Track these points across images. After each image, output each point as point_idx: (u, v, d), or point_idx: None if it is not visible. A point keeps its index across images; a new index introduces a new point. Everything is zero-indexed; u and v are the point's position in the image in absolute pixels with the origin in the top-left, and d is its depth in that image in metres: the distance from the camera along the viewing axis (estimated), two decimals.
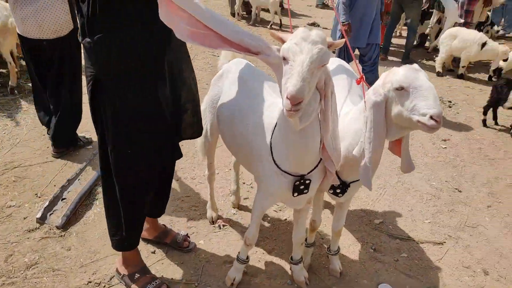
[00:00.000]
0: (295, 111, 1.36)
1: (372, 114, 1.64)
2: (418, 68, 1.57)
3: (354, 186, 2.01)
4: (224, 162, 3.51)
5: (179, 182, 3.15)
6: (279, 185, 1.82)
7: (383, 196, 3.26)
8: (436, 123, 1.45)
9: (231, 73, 2.28)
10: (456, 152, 4.08)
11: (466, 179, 3.59)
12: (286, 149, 1.71)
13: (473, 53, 5.97)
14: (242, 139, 2.01)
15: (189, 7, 1.51)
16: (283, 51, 1.43)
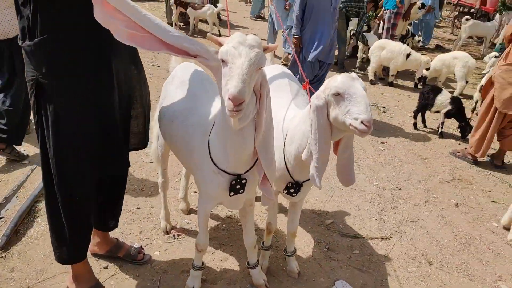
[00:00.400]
0: (237, 111, 1.40)
1: (315, 117, 1.74)
2: (355, 77, 1.69)
3: (306, 185, 2.08)
4: (174, 172, 3.43)
5: (127, 195, 3.02)
6: (217, 184, 1.83)
7: (332, 197, 3.37)
8: (366, 127, 1.58)
9: (176, 78, 2.30)
10: (393, 153, 4.35)
11: (404, 178, 3.83)
12: (223, 148, 1.74)
13: (399, 63, 6.44)
14: (183, 140, 2.01)
15: (127, 10, 1.51)
16: (221, 54, 1.46)
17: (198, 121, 1.93)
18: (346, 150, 1.88)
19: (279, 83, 2.43)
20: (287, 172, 2.02)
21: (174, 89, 2.23)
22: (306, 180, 2.04)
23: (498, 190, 3.77)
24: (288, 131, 2.00)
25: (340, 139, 1.86)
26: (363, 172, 3.86)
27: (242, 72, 1.39)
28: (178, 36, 1.56)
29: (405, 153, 4.38)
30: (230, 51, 1.43)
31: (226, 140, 1.68)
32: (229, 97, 1.37)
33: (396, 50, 6.42)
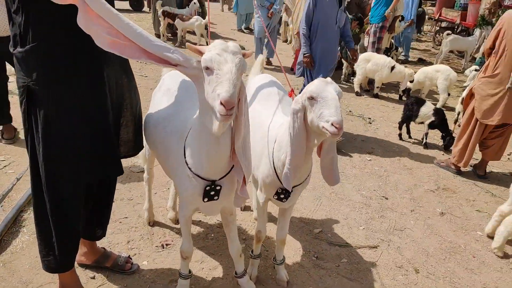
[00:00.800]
0: (229, 115, 1.43)
1: (292, 120, 1.81)
2: (330, 81, 1.75)
3: (296, 190, 2.12)
4: (161, 182, 3.41)
5: (115, 204, 2.97)
6: (192, 189, 1.84)
7: (320, 206, 3.39)
8: (336, 129, 1.63)
9: (163, 86, 2.36)
10: (380, 163, 4.41)
11: (390, 187, 3.88)
12: (198, 153, 1.76)
13: (384, 75, 6.56)
14: (162, 145, 2.05)
15: (109, 18, 1.53)
16: (205, 62, 1.49)
17: (176, 126, 1.97)
18: (329, 154, 1.94)
19: (268, 92, 2.49)
20: (277, 178, 2.05)
21: (160, 96, 2.28)
22: (296, 186, 2.07)
23: (481, 200, 3.84)
24: (277, 138, 2.05)
25: (322, 143, 1.92)
26: (350, 181, 3.90)
27: (232, 77, 1.44)
28: (158, 45, 1.59)
29: (391, 163, 4.45)
30: (215, 58, 1.47)
31: (202, 145, 1.72)
32: (222, 102, 1.40)
33: (381, 63, 6.54)
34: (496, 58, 3.81)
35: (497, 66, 3.81)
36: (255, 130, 2.26)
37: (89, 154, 1.86)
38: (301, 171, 1.98)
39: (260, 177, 2.19)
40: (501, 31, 3.76)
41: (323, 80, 1.76)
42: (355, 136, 5.09)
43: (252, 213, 3.10)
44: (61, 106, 1.73)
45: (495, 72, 3.83)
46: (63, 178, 1.83)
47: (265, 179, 2.13)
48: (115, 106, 1.99)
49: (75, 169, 1.84)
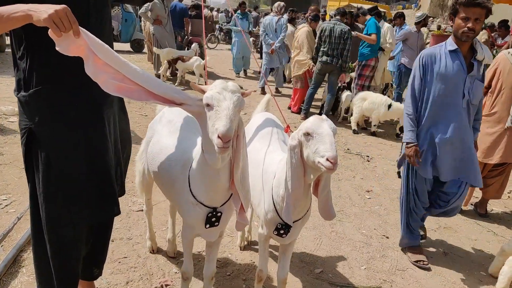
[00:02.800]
0: (226, 147, 1.58)
1: (289, 156, 1.89)
2: (325, 118, 1.84)
3: (296, 225, 2.15)
4: (161, 220, 3.41)
5: (114, 244, 2.98)
6: (195, 216, 2.00)
7: (320, 246, 3.38)
8: (331, 164, 1.69)
9: (164, 117, 2.49)
10: (379, 201, 4.42)
11: (391, 226, 3.88)
12: (201, 182, 1.92)
13: (381, 113, 6.68)
14: (167, 173, 2.18)
15: (117, 64, 1.63)
16: (207, 99, 1.65)
17: (180, 155, 2.12)
18: (325, 189, 2.00)
19: (267, 131, 2.57)
20: (276, 213, 2.09)
21: (161, 128, 2.41)
22: (296, 221, 2.11)
23: (483, 239, 3.83)
24: (276, 174, 2.12)
25: (319, 180, 1.98)
26: (350, 220, 3.90)
27: (229, 113, 1.59)
28: (164, 87, 1.71)
29: (391, 201, 4.46)
30: (215, 96, 1.63)
31: (205, 176, 1.88)
32: (219, 135, 1.55)
33: (378, 102, 6.67)
34: (493, 97, 3.92)
35: (494, 104, 3.91)
36: (255, 167, 2.32)
37: (90, 196, 1.88)
38: (301, 205, 2.04)
39: (261, 214, 2.23)
40: (497, 70, 3.88)
41: (318, 117, 1.84)
42: (354, 175, 5.13)
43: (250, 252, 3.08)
44: (62, 148, 1.78)
45: (492, 111, 3.93)
46: (64, 220, 1.84)
47: (265, 215, 2.17)
48: (116, 144, 2.05)
49: (76, 211, 1.85)
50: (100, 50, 1.59)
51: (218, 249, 2.34)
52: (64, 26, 1.45)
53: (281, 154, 2.28)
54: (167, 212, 3.51)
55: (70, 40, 1.52)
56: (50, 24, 1.42)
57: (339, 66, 6.92)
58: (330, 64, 6.94)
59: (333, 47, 6.86)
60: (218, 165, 1.76)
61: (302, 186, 1.92)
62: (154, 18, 8.97)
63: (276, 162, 2.21)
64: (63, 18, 1.44)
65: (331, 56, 6.91)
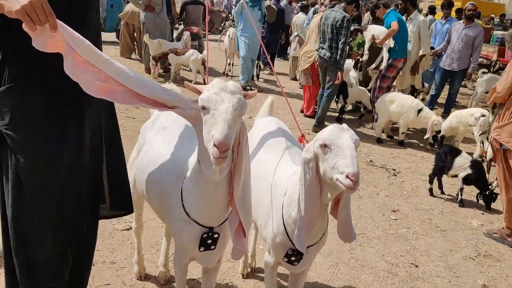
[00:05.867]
0: (223, 158, 1.57)
1: (303, 171, 1.89)
2: (346, 128, 1.85)
3: (309, 251, 2.16)
4: (150, 242, 3.45)
5: (95, 268, 3.01)
6: (188, 236, 2.01)
7: (337, 275, 3.40)
8: (352, 182, 1.69)
9: (158, 122, 2.54)
10: (407, 223, 4.44)
11: (421, 253, 3.89)
12: (196, 196, 1.93)
13: (410, 118, 6.70)
14: (157, 185, 2.23)
15: (98, 62, 1.66)
16: (202, 101, 1.65)
17: (173, 166, 2.15)
18: (344, 209, 2.01)
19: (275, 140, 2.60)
20: (287, 236, 2.10)
21: (154, 135, 2.45)
22: (310, 246, 2.12)
23: None
24: (287, 190, 2.13)
25: (338, 199, 2.00)
26: (373, 245, 3.92)
27: (227, 117, 1.58)
28: (152, 87, 1.72)
29: (421, 223, 4.48)
30: (212, 97, 1.62)
31: (200, 190, 1.87)
32: (215, 144, 1.54)
33: (407, 104, 6.69)
34: None
35: None
36: (262, 182, 2.35)
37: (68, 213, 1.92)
38: (316, 228, 2.04)
39: (268, 237, 2.24)
40: None
41: (338, 126, 1.85)
42: (378, 191, 5.15)
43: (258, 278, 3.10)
44: (34, 157, 1.79)
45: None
46: (35, 240, 1.85)
47: (274, 238, 2.18)
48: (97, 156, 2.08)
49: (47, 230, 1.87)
50: (80, 46, 1.62)
51: (216, 276, 2.36)
52: (39, 19, 1.48)
53: (293, 166, 2.29)
54: (158, 231, 3.56)
55: (46, 34, 1.56)
56: (23, 16, 1.46)
57: (333, 61, 6.81)
58: (324, 58, 6.92)
59: (326, 38, 6.81)
60: (215, 178, 1.77)
61: (317, 206, 1.92)
62: (145, 4, 9.06)
63: (288, 176, 2.22)
64: (38, 10, 1.47)
65: (325, 49, 6.88)
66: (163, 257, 3.01)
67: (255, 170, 2.23)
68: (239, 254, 2.05)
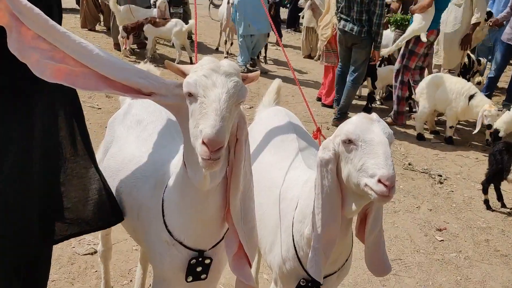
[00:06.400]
0: (214, 159, 1.52)
1: (319, 175, 1.87)
2: (376, 118, 1.81)
3: (329, 282, 2.15)
4: (121, 270, 3.47)
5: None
6: (171, 262, 1.97)
7: None
8: (386, 188, 1.64)
9: (130, 115, 2.55)
10: (457, 246, 4.45)
11: (475, 285, 3.91)
12: (181, 210, 1.91)
13: (460, 108, 6.67)
14: (130, 197, 2.21)
15: (52, 37, 1.65)
16: (188, 86, 1.61)
17: (150, 170, 2.14)
18: (375, 229, 1.97)
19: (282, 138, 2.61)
20: (299, 263, 2.10)
21: (125, 130, 2.47)
22: (329, 275, 2.12)
23: None
24: (299, 202, 2.12)
25: (366, 214, 1.97)
26: (412, 274, 3.93)
27: (219, 106, 1.54)
28: (124, 69, 1.70)
29: (475, 246, 4.49)
30: (200, 81, 1.60)
31: (186, 201, 1.85)
32: (204, 141, 1.50)
33: (456, 90, 6.67)
34: None
35: None
36: (265, 192, 2.36)
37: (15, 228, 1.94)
38: (336, 252, 2.03)
39: (275, 264, 2.25)
40: None
41: (365, 116, 1.82)
42: (418, 204, 5.17)
43: None
44: None
45: None
46: None
47: (282, 266, 2.19)
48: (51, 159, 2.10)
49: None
50: (28, 16, 1.61)
51: None
52: None
53: (307, 171, 2.29)
54: (131, 256, 3.58)
55: None
56: None
57: (365, 37, 6.77)
58: (351, 33, 6.83)
59: (354, 7, 6.71)
60: (205, 186, 1.73)
61: (338, 222, 1.90)
62: None
63: (299, 184, 2.22)
64: None
65: (351, 21, 6.81)
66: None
67: (258, 177, 2.22)
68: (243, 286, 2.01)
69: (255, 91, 7.15)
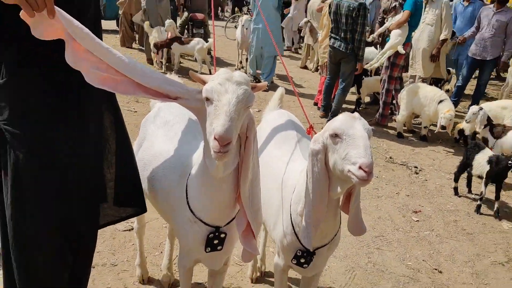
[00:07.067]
0: (224, 152, 1.60)
1: (311, 163, 1.92)
2: (357, 116, 1.87)
3: (321, 253, 2.19)
4: (153, 243, 3.50)
5: (96, 271, 3.08)
6: (193, 236, 2.06)
7: (353, 280, 3.42)
8: (365, 173, 1.70)
9: (159, 117, 2.59)
10: (430, 225, 4.44)
11: (445, 257, 3.90)
12: (201, 194, 1.98)
13: (431, 111, 6.64)
14: (160, 184, 2.29)
15: (97, 51, 1.70)
16: (206, 92, 1.69)
17: (176, 162, 2.22)
18: (356, 202, 2.05)
19: (285, 134, 2.63)
20: (296, 237, 2.13)
21: (155, 129, 2.51)
22: (320, 247, 2.15)
23: None
24: (296, 187, 2.17)
25: (349, 194, 2.03)
26: (392, 249, 3.93)
27: (229, 109, 1.61)
28: (155, 78, 1.76)
29: (445, 225, 4.48)
30: (215, 88, 1.66)
31: (204, 187, 1.92)
32: (215, 137, 1.58)
33: (430, 96, 6.67)
34: None
35: None
36: (272, 180, 2.37)
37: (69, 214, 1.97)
38: (327, 227, 2.08)
39: (277, 238, 2.28)
40: None
41: (349, 114, 1.88)
42: (398, 190, 5.16)
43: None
44: (34, 149, 1.85)
45: None
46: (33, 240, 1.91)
47: (282, 239, 2.22)
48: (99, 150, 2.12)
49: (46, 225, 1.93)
50: (79, 34, 1.65)
51: (223, 280, 2.40)
52: (37, 4, 1.51)
53: (304, 163, 2.31)
54: (161, 232, 3.61)
55: (45, 22, 1.59)
56: (20, 1, 1.49)
57: (350, 53, 6.83)
58: (338, 50, 6.94)
59: (341, 28, 6.80)
60: (219, 173, 1.81)
61: (325, 201, 1.95)
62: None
63: (297, 173, 2.25)
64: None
65: (339, 39, 6.90)
66: (167, 259, 3.07)
67: (264, 167, 2.25)
68: (249, 256, 2.08)
69: (263, 97, 7.16)
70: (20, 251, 1.92)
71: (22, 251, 1.92)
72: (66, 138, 1.93)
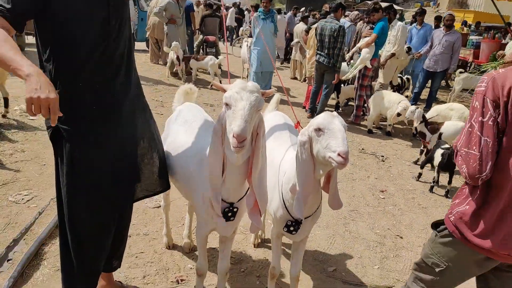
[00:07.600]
0: (241, 147, 1.64)
1: (299, 151, 1.95)
2: (336, 115, 1.90)
3: (306, 222, 2.21)
4: (176, 217, 3.52)
5: (131, 239, 3.09)
6: (210, 211, 2.05)
7: (334, 245, 3.44)
8: (343, 159, 1.73)
9: (180, 117, 2.61)
10: (393, 201, 4.46)
11: (405, 226, 3.92)
12: None
13: (394, 112, 6.63)
14: (182, 170, 2.31)
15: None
16: (226, 99, 1.72)
17: (195, 151, 2.23)
18: (334, 182, 2.06)
19: (280, 131, 2.65)
20: (286, 210, 2.16)
21: (177, 127, 2.53)
22: (307, 217, 2.17)
23: None
24: (286, 172, 2.18)
25: (330, 175, 2.04)
26: (364, 220, 3.95)
27: (244, 113, 1.64)
28: None
29: (405, 201, 4.49)
30: (233, 95, 1.69)
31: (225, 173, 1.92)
32: (234, 135, 1.61)
33: (393, 100, 6.67)
34: None
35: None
36: (271, 166, 2.39)
37: (111, 193, 2.00)
38: (311, 202, 2.10)
39: (272, 212, 2.31)
40: None
41: (329, 113, 1.90)
42: (368, 174, 5.17)
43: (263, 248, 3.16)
44: (85, 144, 1.89)
45: None
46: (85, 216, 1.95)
47: (276, 213, 2.25)
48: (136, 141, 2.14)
49: (97, 205, 1.97)
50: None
51: (231, 245, 2.41)
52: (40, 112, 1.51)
53: (293, 152, 2.33)
54: (183, 209, 3.63)
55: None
56: (28, 103, 1.49)
57: (331, 66, 6.87)
58: (323, 64, 6.97)
59: (325, 46, 6.83)
60: (238, 162, 1.83)
61: (311, 182, 1.98)
62: (168, 18, 9.12)
63: (287, 160, 2.28)
64: (43, 107, 1.49)
65: (323, 55, 6.92)
66: (187, 229, 3.10)
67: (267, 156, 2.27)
68: (255, 229, 2.12)
69: None
70: (73, 225, 1.96)
71: (75, 225, 1.96)
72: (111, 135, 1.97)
